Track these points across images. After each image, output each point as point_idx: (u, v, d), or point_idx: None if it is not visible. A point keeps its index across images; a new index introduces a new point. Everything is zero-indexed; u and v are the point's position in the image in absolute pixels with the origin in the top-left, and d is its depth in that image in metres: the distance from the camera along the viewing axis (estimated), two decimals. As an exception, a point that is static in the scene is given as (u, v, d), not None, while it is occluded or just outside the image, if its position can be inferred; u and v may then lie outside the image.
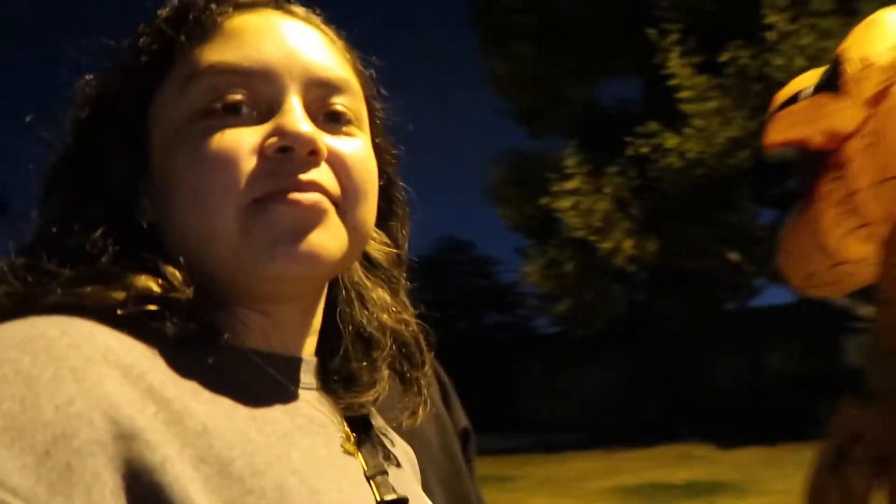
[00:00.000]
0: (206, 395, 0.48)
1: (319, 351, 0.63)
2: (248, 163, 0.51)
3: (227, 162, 0.51)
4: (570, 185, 11.05)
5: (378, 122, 0.64)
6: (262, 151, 0.52)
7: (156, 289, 0.50)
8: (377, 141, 0.62)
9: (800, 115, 1.17)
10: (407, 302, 0.70)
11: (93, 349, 0.44)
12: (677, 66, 9.96)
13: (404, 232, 0.69)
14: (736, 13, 10.49)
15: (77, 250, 0.51)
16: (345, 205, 0.55)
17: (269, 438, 0.50)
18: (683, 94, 10.01)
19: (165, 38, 0.55)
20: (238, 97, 0.53)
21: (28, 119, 0.58)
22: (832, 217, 1.12)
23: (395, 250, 0.69)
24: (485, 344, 21.60)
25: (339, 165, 0.55)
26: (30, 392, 0.40)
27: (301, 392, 0.57)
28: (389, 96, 0.66)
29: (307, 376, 0.59)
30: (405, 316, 0.68)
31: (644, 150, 10.48)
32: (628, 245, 10.77)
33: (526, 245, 14.01)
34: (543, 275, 12.16)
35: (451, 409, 1.35)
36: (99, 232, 0.52)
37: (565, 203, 10.96)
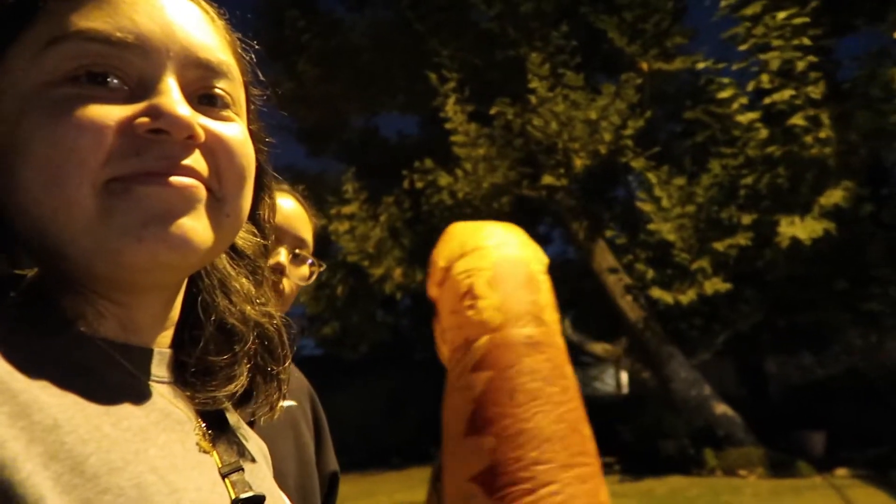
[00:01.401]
0: (55, 386, 0.43)
1: (176, 342, 0.59)
2: (111, 138, 0.46)
3: (86, 133, 0.45)
4: (348, 209, 11.19)
5: (253, 108, 0.61)
6: (129, 129, 0.47)
7: None
8: (251, 128, 0.58)
9: (430, 279, 2.04)
10: (271, 294, 0.67)
11: None
12: (452, 111, 10.57)
13: (272, 222, 0.66)
14: (506, 74, 11.59)
15: None
16: (221, 191, 0.52)
17: (124, 433, 0.46)
18: (456, 138, 10.64)
19: None
20: (107, 68, 0.48)
21: None
22: (439, 341, 1.94)
23: (261, 240, 0.66)
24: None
25: (216, 150, 0.51)
26: None
27: (153, 385, 0.53)
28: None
29: (160, 369, 0.55)
30: (269, 309, 0.64)
31: (419, 184, 11.00)
32: (398, 273, 11.17)
33: (297, 265, 13.81)
34: (314, 296, 12.09)
35: (322, 450, 1.30)
36: None
37: (342, 227, 11.07)
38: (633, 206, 11.48)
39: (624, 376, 19.67)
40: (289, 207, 1.32)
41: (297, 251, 1.31)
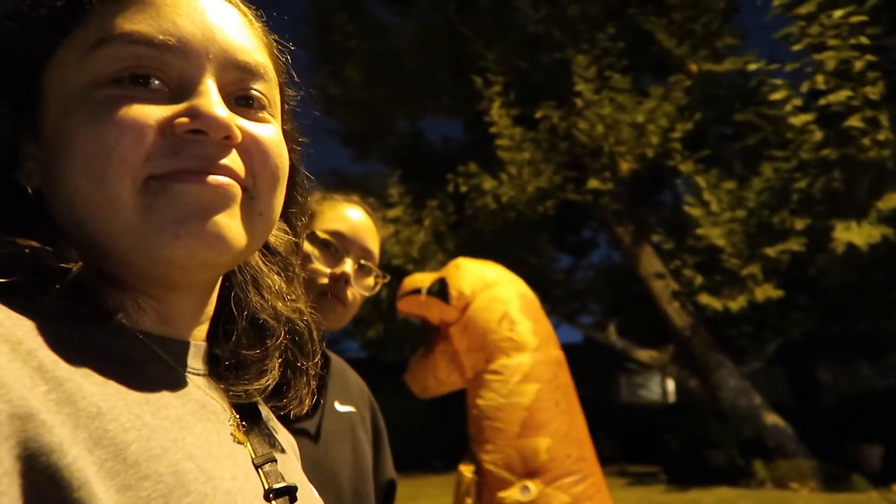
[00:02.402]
0: (97, 375, 0.45)
1: (210, 336, 0.60)
2: (152, 137, 0.48)
3: (127, 132, 0.47)
4: (393, 213, 11.26)
5: (287, 108, 0.62)
6: (169, 129, 0.49)
7: (42, 257, 0.46)
8: (285, 128, 0.60)
9: (423, 303, 2.12)
10: (302, 291, 0.68)
11: None
12: (497, 115, 10.54)
13: (303, 220, 0.68)
14: (551, 77, 11.51)
15: None
16: (254, 190, 0.53)
17: (163, 422, 0.47)
18: (501, 142, 10.62)
19: None
20: (150, 70, 0.49)
21: None
22: (443, 362, 2.09)
23: (293, 238, 0.67)
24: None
25: (251, 150, 0.53)
26: None
27: (190, 377, 0.55)
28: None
29: (195, 361, 0.57)
30: (300, 305, 0.66)
31: (463, 188, 11.01)
32: (441, 277, 11.19)
33: (342, 268, 13.93)
34: (358, 299, 12.17)
35: (380, 458, 1.31)
36: None
37: (387, 231, 11.14)
38: (680, 210, 11.26)
39: (670, 384, 19.30)
40: (357, 218, 1.33)
41: (362, 262, 1.32)
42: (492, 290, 1.99)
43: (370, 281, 1.34)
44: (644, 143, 10.08)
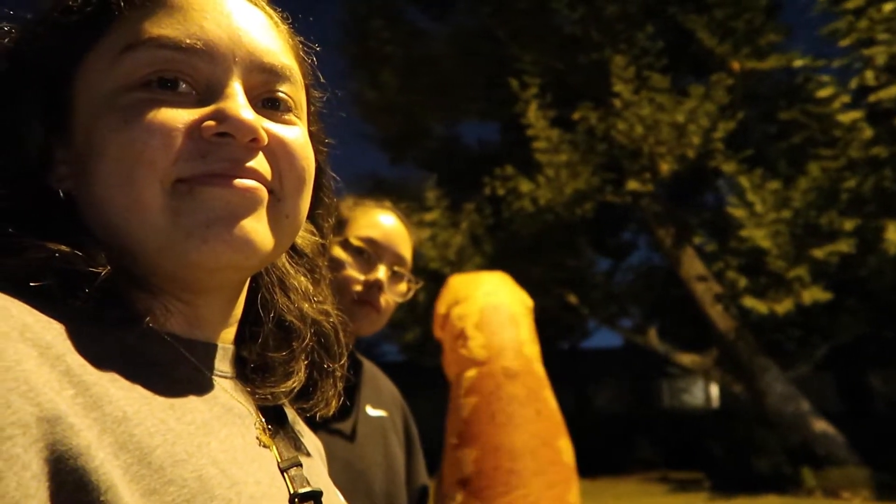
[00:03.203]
0: (124, 380, 0.45)
1: (237, 338, 0.60)
2: (180, 140, 0.48)
3: (156, 135, 0.48)
4: (430, 217, 11.30)
5: (313, 110, 0.62)
6: (196, 132, 0.49)
7: (72, 261, 0.46)
8: (311, 129, 0.60)
9: (434, 323, 2.22)
10: (329, 293, 0.67)
11: (8, 325, 0.40)
12: (534, 117, 10.49)
13: (330, 221, 0.68)
14: (589, 78, 11.40)
15: None
16: (281, 192, 0.53)
17: (188, 427, 0.47)
18: (538, 145, 10.56)
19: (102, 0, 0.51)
20: (177, 74, 0.50)
21: None
22: (444, 367, 2.12)
23: (320, 239, 0.67)
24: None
25: (278, 152, 0.53)
26: None
27: (216, 380, 0.55)
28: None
29: (223, 364, 0.57)
30: (327, 307, 0.66)
31: (500, 191, 10.98)
32: (478, 280, 11.16)
33: (380, 272, 14.03)
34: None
35: (412, 463, 1.33)
36: None
37: (423, 234, 11.20)
38: (723, 211, 11.02)
39: (714, 389, 18.90)
40: (390, 225, 1.33)
41: (396, 268, 1.32)
42: (459, 306, 2.10)
43: (403, 287, 1.35)
44: (685, 144, 9.90)
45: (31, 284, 0.44)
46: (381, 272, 1.28)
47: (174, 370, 0.51)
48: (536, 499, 1.84)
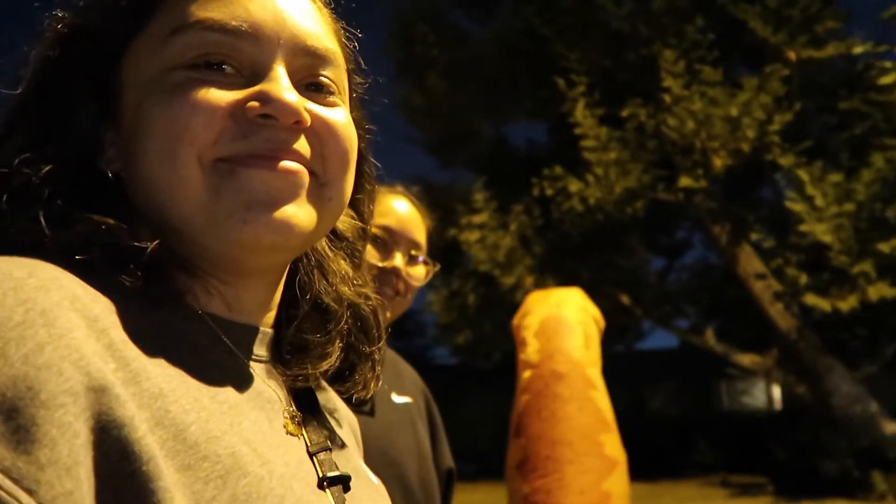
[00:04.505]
0: (162, 357, 0.46)
1: (276, 322, 0.60)
2: (222, 119, 0.49)
3: (199, 112, 0.48)
4: (478, 219, 11.28)
5: (355, 95, 0.62)
6: (240, 113, 0.50)
7: (118, 235, 0.47)
8: (353, 115, 0.60)
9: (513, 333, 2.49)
10: (368, 277, 0.68)
11: (60, 294, 0.41)
12: (582, 116, 10.35)
13: (371, 206, 0.68)
14: (637, 74, 11.20)
15: (25, 190, 0.48)
16: (324, 176, 0.53)
17: (220, 406, 0.48)
18: (586, 143, 10.40)
19: None
20: (224, 57, 0.51)
21: None
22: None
23: (360, 223, 0.67)
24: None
25: (321, 134, 0.53)
26: None
27: (251, 364, 0.56)
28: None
29: (260, 348, 0.57)
30: (365, 290, 0.66)
31: (549, 191, 10.88)
32: (529, 281, 11.09)
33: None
34: (446, 305, 12.28)
35: (437, 447, 1.35)
36: (45, 170, 0.48)
37: (472, 236, 11.18)
38: (781, 206, 10.67)
39: (776, 390, 18.31)
40: (403, 210, 1.36)
41: (412, 253, 1.35)
42: (525, 318, 2.41)
43: (421, 271, 1.36)
44: (739, 138, 9.61)
45: (78, 258, 0.45)
46: (398, 259, 1.30)
47: (210, 351, 0.51)
48: (568, 482, 2.12)
